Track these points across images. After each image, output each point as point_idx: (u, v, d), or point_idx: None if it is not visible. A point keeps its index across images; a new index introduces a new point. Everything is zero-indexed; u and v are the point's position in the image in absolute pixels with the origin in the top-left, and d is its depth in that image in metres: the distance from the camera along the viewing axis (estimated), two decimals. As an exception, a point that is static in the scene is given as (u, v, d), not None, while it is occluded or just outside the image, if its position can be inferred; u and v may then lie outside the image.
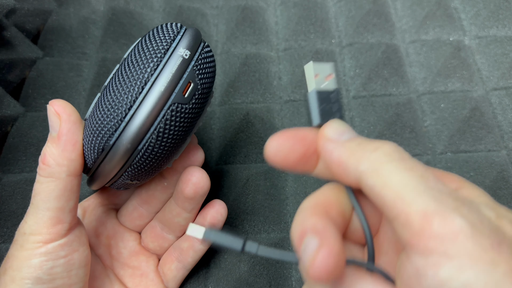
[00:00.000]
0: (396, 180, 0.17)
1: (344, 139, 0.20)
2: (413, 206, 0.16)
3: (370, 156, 0.18)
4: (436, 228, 0.15)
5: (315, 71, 0.22)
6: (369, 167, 0.18)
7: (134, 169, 0.24)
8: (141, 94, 0.23)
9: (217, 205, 0.29)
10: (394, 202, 0.16)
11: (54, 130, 0.24)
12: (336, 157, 0.19)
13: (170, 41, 0.24)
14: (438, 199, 0.16)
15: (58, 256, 0.23)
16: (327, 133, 0.20)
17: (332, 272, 0.17)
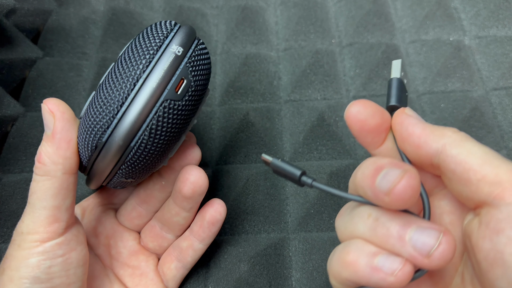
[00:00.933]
0: (480, 151, 0.19)
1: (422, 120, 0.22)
2: (501, 167, 0.18)
3: (451, 134, 0.20)
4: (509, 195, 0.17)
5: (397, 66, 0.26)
6: (452, 141, 0.20)
7: (128, 166, 0.24)
8: (133, 90, 0.23)
9: (217, 204, 0.29)
10: (481, 165, 0.18)
11: (48, 128, 0.24)
12: (418, 130, 0.21)
13: (163, 38, 0.24)
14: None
15: (56, 255, 0.23)
16: (408, 112, 0.22)
17: (416, 193, 0.19)
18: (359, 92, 0.39)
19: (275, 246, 0.33)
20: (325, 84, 0.40)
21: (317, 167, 0.36)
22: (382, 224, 0.20)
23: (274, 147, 0.37)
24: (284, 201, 0.35)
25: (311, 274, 0.32)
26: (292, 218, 0.34)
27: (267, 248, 0.33)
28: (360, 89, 0.39)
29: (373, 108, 0.22)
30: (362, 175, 0.20)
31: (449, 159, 0.20)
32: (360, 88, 0.40)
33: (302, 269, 0.32)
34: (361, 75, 0.40)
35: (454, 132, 0.20)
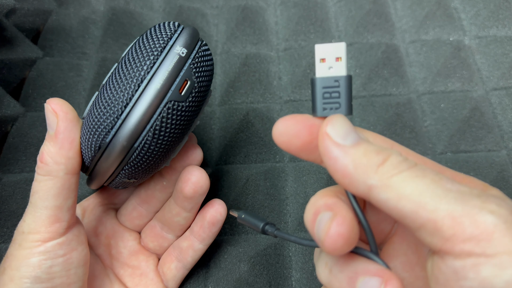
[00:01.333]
0: (412, 189, 0.16)
1: (348, 144, 0.18)
2: (438, 212, 0.15)
3: (378, 170, 0.17)
4: (469, 231, 0.15)
5: (320, 54, 0.20)
6: (379, 180, 0.17)
7: (131, 167, 0.24)
8: (137, 91, 0.23)
9: (217, 204, 0.29)
10: (415, 212, 0.16)
11: (51, 128, 0.24)
12: (341, 168, 0.18)
13: (167, 40, 0.24)
14: (461, 199, 0.16)
15: (57, 255, 0.23)
16: (330, 134, 0.18)
17: (347, 240, 0.17)
18: (359, 92, 0.39)
19: (275, 246, 0.33)
20: (325, 84, 0.40)
21: (317, 167, 0.36)
22: (334, 277, 0.19)
23: (274, 147, 0.37)
24: (284, 201, 0.35)
25: (311, 274, 0.32)
26: (292, 218, 0.34)
27: (267, 248, 0.33)
28: (360, 89, 0.40)
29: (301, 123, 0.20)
30: (305, 220, 0.19)
31: (380, 204, 0.17)
32: (360, 88, 0.40)
33: (302, 269, 0.32)
34: (361, 75, 0.40)
35: (382, 163, 0.17)
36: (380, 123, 0.38)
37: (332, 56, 0.20)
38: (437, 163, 0.21)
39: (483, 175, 0.35)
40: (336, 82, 0.20)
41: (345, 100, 0.20)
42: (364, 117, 0.38)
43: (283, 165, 0.36)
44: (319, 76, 0.20)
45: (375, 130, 0.37)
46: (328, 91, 0.20)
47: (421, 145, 0.37)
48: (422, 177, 0.17)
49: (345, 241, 0.17)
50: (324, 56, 0.20)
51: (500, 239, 0.15)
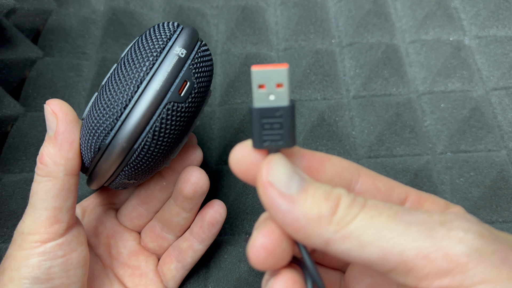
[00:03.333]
0: (372, 233, 0.15)
1: (294, 192, 0.17)
2: (407, 253, 0.15)
3: (332, 219, 0.16)
4: (443, 266, 0.14)
5: (258, 80, 0.17)
6: (335, 232, 0.16)
7: (131, 168, 0.24)
8: (136, 93, 0.23)
9: (216, 205, 0.29)
10: (383, 258, 0.15)
11: (51, 129, 0.24)
12: (292, 222, 0.16)
13: (166, 40, 0.24)
14: (426, 232, 0.15)
15: (56, 255, 0.23)
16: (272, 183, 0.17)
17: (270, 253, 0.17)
18: (359, 92, 0.39)
19: (275, 246, 0.33)
20: (325, 84, 0.40)
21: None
22: None
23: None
24: (284, 201, 0.35)
25: (311, 274, 0.32)
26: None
27: (267, 248, 0.33)
28: (360, 89, 0.39)
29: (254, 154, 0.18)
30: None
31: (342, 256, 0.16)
32: (360, 88, 0.40)
33: (302, 269, 0.32)
34: (361, 75, 0.40)
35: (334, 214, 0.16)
36: (380, 123, 0.38)
37: (272, 82, 0.17)
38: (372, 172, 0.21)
39: (483, 175, 0.35)
40: (277, 112, 0.17)
41: (288, 131, 0.18)
42: (364, 117, 0.38)
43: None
44: (257, 106, 0.17)
45: (375, 130, 0.37)
46: (269, 121, 0.18)
47: (421, 145, 0.37)
48: (378, 216, 0.16)
49: (269, 254, 0.17)
50: (263, 82, 0.17)
51: (475, 268, 0.14)
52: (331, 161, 0.20)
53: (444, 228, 0.15)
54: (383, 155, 0.36)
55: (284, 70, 0.17)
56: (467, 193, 0.35)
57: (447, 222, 0.15)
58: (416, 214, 0.16)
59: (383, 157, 0.36)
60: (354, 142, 0.37)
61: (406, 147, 0.37)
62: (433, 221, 0.15)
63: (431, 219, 0.15)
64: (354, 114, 0.38)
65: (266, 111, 0.17)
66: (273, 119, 0.18)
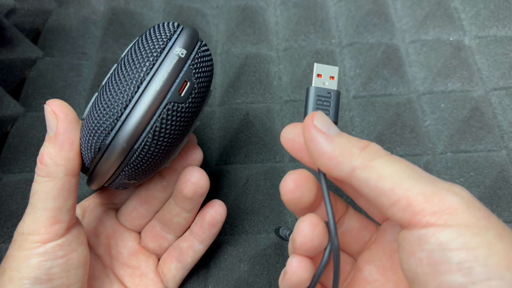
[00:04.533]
0: (391, 170, 0.19)
1: (333, 133, 0.21)
2: (412, 191, 0.18)
3: (361, 153, 0.20)
4: (437, 206, 0.18)
5: (318, 71, 0.24)
6: (362, 162, 0.20)
7: (131, 168, 0.24)
8: (136, 93, 0.23)
9: (217, 205, 0.29)
10: (392, 190, 0.18)
11: (51, 129, 0.24)
12: (328, 151, 0.20)
13: (166, 40, 0.24)
14: (432, 182, 0.18)
15: (57, 256, 0.23)
16: (316, 124, 0.21)
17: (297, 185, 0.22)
18: (359, 92, 0.39)
19: (275, 246, 0.33)
20: (325, 84, 0.40)
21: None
22: None
23: (274, 147, 0.37)
24: (284, 201, 0.35)
25: (311, 274, 0.32)
26: (292, 218, 0.34)
27: (267, 248, 0.33)
28: (360, 89, 0.40)
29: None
30: None
31: (361, 183, 0.20)
32: (360, 88, 0.40)
33: (302, 269, 0.32)
34: (361, 75, 0.40)
35: (364, 148, 0.20)
36: (380, 123, 0.38)
37: (327, 74, 0.24)
38: None
39: (483, 175, 0.35)
40: (328, 93, 0.24)
41: (334, 109, 0.24)
42: (364, 117, 0.38)
43: (283, 165, 0.36)
44: (316, 85, 0.24)
45: (375, 130, 0.37)
46: (321, 99, 0.24)
47: (421, 145, 0.37)
48: (399, 162, 0.19)
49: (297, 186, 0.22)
50: (321, 73, 0.24)
51: (461, 214, 0.17)
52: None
53: (446, 184, 0.19)
54: (383, 155, 0.36)
55: (337, 68, 0.25)
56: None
57: (449, 183, 0.19)
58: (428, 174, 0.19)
59: (383, 157, 0.36)
60: (354, 142, 0.37)
61: (406, 147, 0.37)
62: (440, 180, 0.19)
63: (439, 179, 0.19)
64: (354, 114, 0.38)
65: (321, 90, 0.24)
66: (325, 98, 0.24)
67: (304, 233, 0.21)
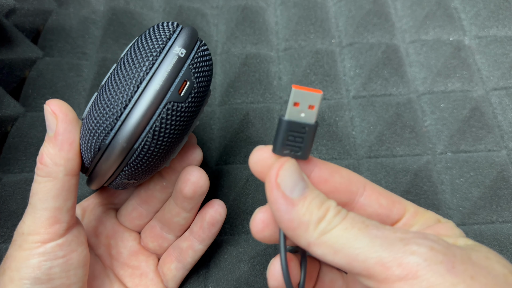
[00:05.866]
0: (342, 244, 0.18)
1: (295, 197, 0.20)
2: (369, 261, 0.18)
3: (317, 227, 0.19)
4: (397, 273, 0.17)
5: (295, 98, 0.20)
6: (316, 239, 0.19)
7: (131, 168, 0.24)
8: (136, 93, 0.23)
9: (216, 205, 0.29)
10: (350, 264, 0.18)
11: (51, 129, 0.24)
12: (287, 222, 0.20)
13: (165, 40, 0.24)
14: (386, 245, 0.18)
15: (57, 256, 0.23)
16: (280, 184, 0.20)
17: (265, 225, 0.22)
18: (359, 92, 0.39)
19: (275, 246, 0.33)
20: (325, 84, 0.40)
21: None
22: None
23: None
24: (284, 201, 0.35)
25: (311, 274, 0.32)
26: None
27: (267, 248, 0.33)
28: (360, 89, 0.40)
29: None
30: None
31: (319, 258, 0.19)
32: (360, 88, 0.40)
33: (302, 269, 0.32)
34: (361, 75, 0.40)
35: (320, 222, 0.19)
36: (380, 123, 0.38)
37: (306, 102, 0.20)
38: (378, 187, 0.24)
39: (483, 175, 0.35)
40: (303, 128, 0.21)
41: (307, 146, 0.21)
42: (364, 117, 0.38)
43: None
44: (289, 119, 0.20)
45: (375, 130, 0.37)
46: (293, 135, 0.21)
47: (421, 145, 0.37)
48: (351, 229, 0.19)
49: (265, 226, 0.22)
50: (299, 101, 0.20)
51: (424, 276, 0.17)
52: (340, 173, 0.23)
53: (401, 243, 0.18)
54: (383, 155, 0.36)
55: (319, 95, 0.20)
56: (467, 193, 0.35)
57: (405, 238, 0.18)
58: (383, 229, 0.19)
59: (383, 157, 0.36)
60: (354, 142, 0.37)
61: (406, 147, 0.37)
62: (395, 237, 0.18)
63: (394, 235, 0.18)
64: (354, 114, 0.38)
65: (295, 125, 0.20)
66: (298, 133, 0.21)
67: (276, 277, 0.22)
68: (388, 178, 0.35)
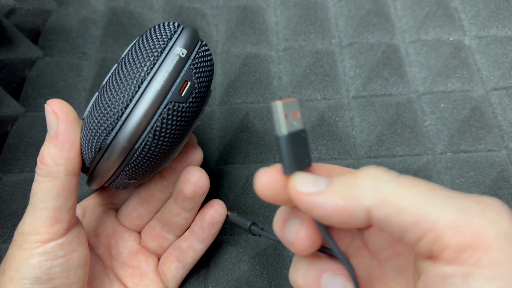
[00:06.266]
0: (409, 202, 0.16)
1: (323, 187, 0.18)
2: (440, 222, 0.15)
3: (365, 189, 0.17)
4: (469, 240, 0.15)
5: (285, 110, 0.20)
6: (373, 200, 0.17)
7: (132, 168, 0.24)
8: (137, 93, 0.23)
9: (216, 205, 0.29)
10: (417, 223, 0.16)
11: (51, 129, 0.24)
12: (331, 207, 0.18)
13: (167, 40, 0.24)
14: (462, 207, 0.16)
15: (57, 256, 0.23)
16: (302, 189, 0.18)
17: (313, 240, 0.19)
18: (359, 92, 0.39)
19: (275, 246, 0.33)
20: (325, 84, 0.40)
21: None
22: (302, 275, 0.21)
23: (274, 147, 0.37)
24: (284, 201, 0.35)
25: (311, 274, 0.32)
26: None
27: (267, 248, 0.33)
28: (360, 89, 0.40)
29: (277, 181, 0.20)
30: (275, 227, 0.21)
31: (381, 222, 0.17)
32: (360, 88, 0.40)
33: (302, 269, 0.32)
34: (361, 75, 0.40)
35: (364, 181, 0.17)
36: (380, 123, 0.38)
37: (291, 111, 0.20)
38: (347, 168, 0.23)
39: (483, 175, 0.35)
40: (301, 135, 0.20)
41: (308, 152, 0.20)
42: (364, 117, 0.38)
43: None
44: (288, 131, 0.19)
45: (375, 130, 0.37)
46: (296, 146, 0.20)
47: (421, 145, 0.37)
48: (415, 186, 0.17)
49: (312, 242, 0.19)
50: (287, 112, 0.20)
51: (497, 251, 0.15)
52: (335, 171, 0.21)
53: (479, 207, 0.16)
54: (383, 155, 0.36)
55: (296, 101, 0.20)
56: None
57: (483, 202, 0.16)
58: (453, 192, 0.16)
59: (383, 157, 0.36)
60: (354, 142, 0.37)
61: (406, 147, 0.37)
62: (470, 198, 0.16)
63: (468, 196, 0.16)
64: (354, 114, 0.38)
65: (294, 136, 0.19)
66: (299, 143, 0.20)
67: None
68: (388, 178, 0.35)
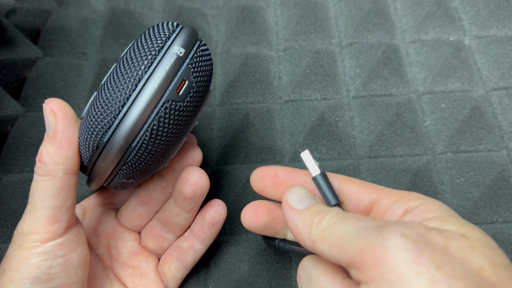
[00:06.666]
0: (334, 236, 0.20)
1: (301, 208, 0.23)
2: (351, 250, 0.18)
3: (317, 225, 0.21)
4: (370, 260, 0.17)
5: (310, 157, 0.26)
6: (317, 235, 0.21)
7: (129, 167, 0.24)
8: (134, 91, 0.23)
9: (217, 205, 0.29)
10: (340, 254, 0.19)
11: (50, 128, 0.24)
12: (294, 226, 0.22)
13: (165, 39, 0.24)
14: (366, 234, 0.18)
15: (56, 255, 0.23)
16: (289, 201, 0.23)
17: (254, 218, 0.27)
18: (359, 92, 0.39)
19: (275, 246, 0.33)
20: (325, 84, 0.40)
21: (317, 167, 0.36)
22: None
23: (274, 147, 0.37)
24: (284, 201, 0.35)
25: (311, 274, 0.32)
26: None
27: (267, 248, 0.33)
28: (360, 89, 0.40)
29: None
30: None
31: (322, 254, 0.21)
32: (360, 88, 0.40)
33: (302, 269, 0.32)
34: (361, 75, 0.40)
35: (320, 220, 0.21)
36: (380, 123, 0.38)
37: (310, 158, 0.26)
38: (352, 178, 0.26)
39: (483, 175, 0.35)
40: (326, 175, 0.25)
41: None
42: (364, 117, 0.38)
43: (283, 165, 0.36)
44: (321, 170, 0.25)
45: (375, 130, 0.37)
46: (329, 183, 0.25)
47: (421, 145, 0.37)
48: (343, 223, 0.20)
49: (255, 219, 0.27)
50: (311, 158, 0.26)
51: (391, 263, 0.17)
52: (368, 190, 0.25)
53: (377, 230, 0.18)
54: (383, 155, 0.36)
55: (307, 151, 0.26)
56: (467, 193, 0.35)
57: (382, 226, 0.18)
58: (369, 221, 0.19)
59: (383, 157, 0.36)
60: (354, 142, 0.37)
61: (406, 147, 0.37)
62: (374, 225, 0.19)
63: (374, 223, 0.19)
64: (354, 114, 0.38)
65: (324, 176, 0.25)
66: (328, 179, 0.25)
67: None
68: (388, 178, 0.35)
